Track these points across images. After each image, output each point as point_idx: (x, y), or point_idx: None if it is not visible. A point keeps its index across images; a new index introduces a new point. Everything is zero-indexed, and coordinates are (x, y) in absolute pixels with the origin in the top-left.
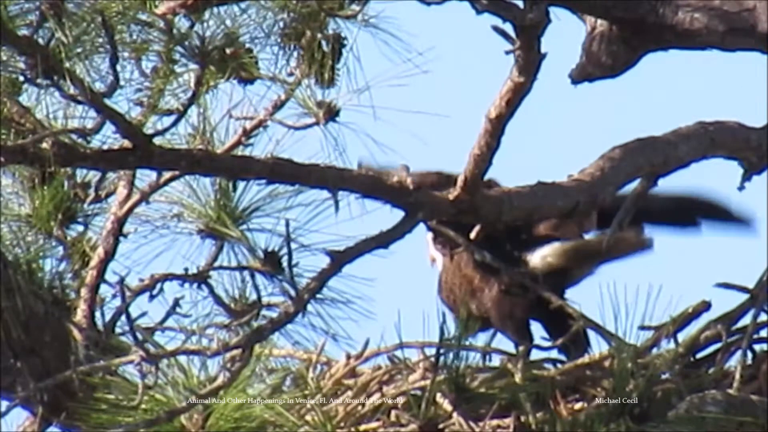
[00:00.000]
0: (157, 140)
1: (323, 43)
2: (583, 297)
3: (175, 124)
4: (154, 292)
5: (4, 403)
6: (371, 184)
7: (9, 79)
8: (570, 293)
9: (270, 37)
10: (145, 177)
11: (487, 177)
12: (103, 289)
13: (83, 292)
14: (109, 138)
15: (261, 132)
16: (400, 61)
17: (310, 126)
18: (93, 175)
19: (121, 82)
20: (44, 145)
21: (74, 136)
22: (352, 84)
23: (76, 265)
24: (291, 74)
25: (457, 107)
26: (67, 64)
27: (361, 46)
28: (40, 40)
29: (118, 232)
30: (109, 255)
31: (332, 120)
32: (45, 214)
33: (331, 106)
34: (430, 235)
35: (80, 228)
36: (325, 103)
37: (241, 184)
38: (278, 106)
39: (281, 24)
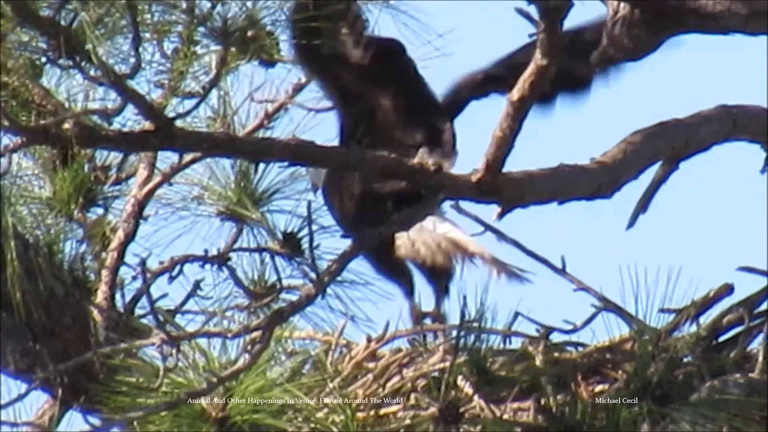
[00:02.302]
0: (178, 123)
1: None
2: (604, 280)
3: (197, 106)
4: (174, 273)
5: (24, 386)
6: (393, 166)
7: (31, 60)
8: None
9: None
10: (166, 159)
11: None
12: (123, 271)
13: (103, 274)
14: (129, 120)
15: (282, 115)
16: (420, 44)
17: (330, 109)
18: (113, 158)
19: (143, 64)
20: (66, 126)
21: (96, 118)
22: None
23: (96, 247)
24: None
25: None
26: (90, 46)
27: (382, 29)
28: (63, 21)
29: (138, 215)
30: (130, 237)
31: None
32: (65, 197)
33: None
34: None
35: (100, 210)
36: None
37: (261, 166)
38: (299, 88)
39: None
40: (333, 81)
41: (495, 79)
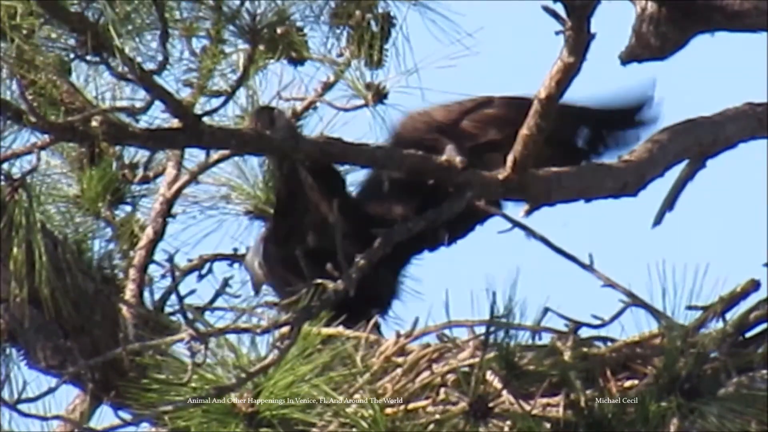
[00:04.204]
0: (206, 121)
1: (372, 23)
2: (631, 277)
3: (225, 103)
4: (203, 272)
5: (54, 380)
6: (420, 163)
7: (59, 57)
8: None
9: (320, 17)
10: (194, 158)
11: None
12: (152, 269)
13: (132, 272)
14: (157, 118)
15: (311, 113)
16: (448, 42)
17: (359, 108)
18: (141, 157)
19: (170, 61)
20: (93, 123)
21: (123, 115)
22: (401, 65)
23: (124, 245)
24: (340, 55)
25: (506, 89)
26: (117, 42)
27: (410, 26)
28: (91, 18)
29: (166, 213)
30: (158, 235)
31: (381, 102)
32: (93, 195)
33: (380, 88)
34: None
35: (128, 209)
36: (374, 85)
37: None
38: (328, 87)
39: (331, 4)
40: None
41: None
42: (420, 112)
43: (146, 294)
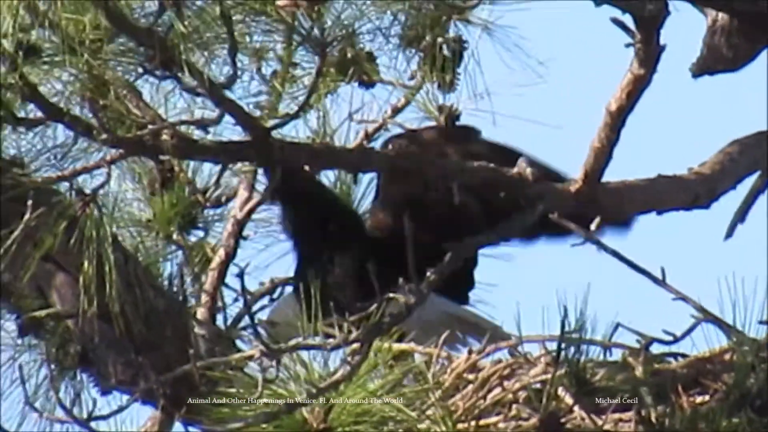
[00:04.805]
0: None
1: (444, 46)
2: (702, 290)
3: (295, 117)
4: (275, 296)
5: (125, 397)
6: (491, 176)
7: (127, 72)
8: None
9: (390, 40)
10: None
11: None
12: (224, 291)
13: (203, 294)
14: (226, 135)
15: (381, 135)
16: (518, 66)
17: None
18: (213, 181)
19: (240, 82)
20: (163, 137)
21: (193, 129)
22: (471, 88)
23: (195, 268)
24: (412, 78)
25: (574, 113)
26: (186, 56)
27: (481, 53)
28: (159, 32)
29: (238, 235)
30: (230, 257)
31: (453, 125)
32: (165, 219)
33: (452, 110)
34: None
35: (200, 233)
36: (446, 107)
37: (361, 188)
38: (399, 109)
39: (402, 26)
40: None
41: None
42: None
43: (218, 316)
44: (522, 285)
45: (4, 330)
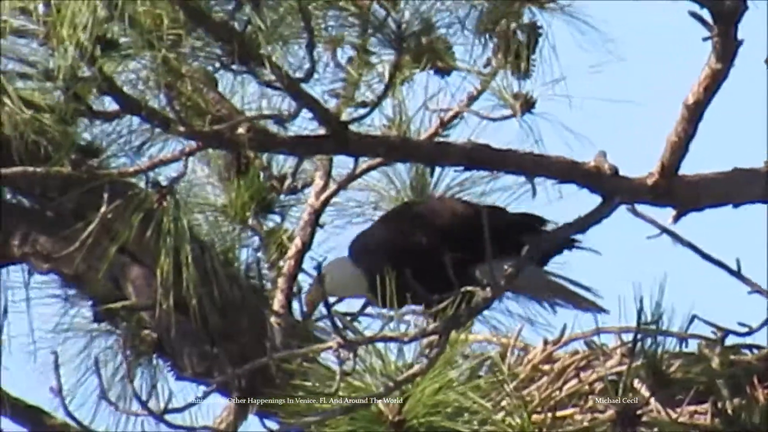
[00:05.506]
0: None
1: (519, 33)
2: None
3: (371, 111)
4: None
5: (200, 389)
6: (568, 169)
7: (204, 66)
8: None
9: (465, 27)
10: (342, 168)
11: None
12: (301, 278)
13: (280, 282)
14: (304, 129)
15: (457, 123)
16: (593, 50)
17: (506, 118)
18: (289, 167)
19: (316, 73)
20: (240, 130)
21: (270, 123)
22: (547, 74)
23: (272, 255)
24: (487, 64)
25: (653, 95)
26: (263, 50)
27: (556, 35)
28: (236, 26)
29: (314, 223)
30: (306, 245)
31: (528, 111)
32: (241, 205)
33: (527, 97)
34: None
35: (276, 218)
36: (522, 94)
37: (436, 175)
38: (474, 97)
39: (476, 13)
40: None
41: None
42: None
43: (295, 304)
44: (599, 276)
45: (78, 317)
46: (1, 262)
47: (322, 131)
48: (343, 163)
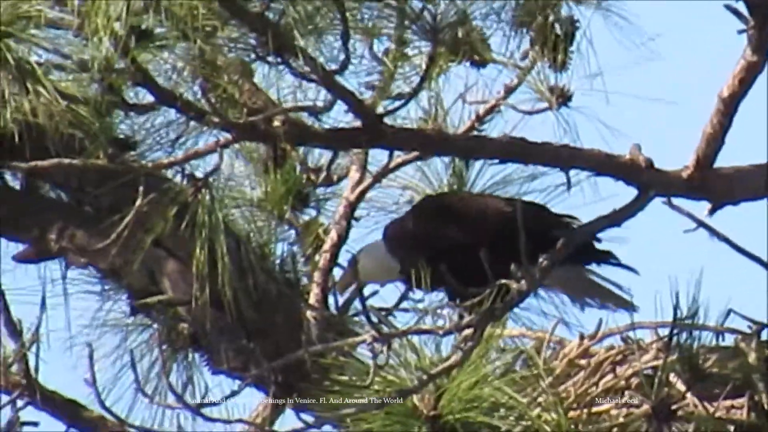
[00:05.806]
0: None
1: (556, 26)
2: None
3: (406, 103)
4: None
5: (236, 383)
6: (603, 162)
7: (239, 58)
8: None
9: (501, 20)
10: (377, 161)
11: None
12: (336, 272)
13: (316, 275)
14: (339, 121)
15: (493, 116)
16: (630, 45)
17: (542, 111)
18: (325, 161)
19: (351, 65)
20: (275, 122)
21: (305, 115)
22: (584, 68)
23: (308, 249)
24: (524, 58)
25: (688, 90)
26: (298, 42)
27: (593, 30)
28: (271, 17)
29: (350, 216)
30: (342, 239)
31: (565, 105)
32: (277, 198)
33: (564, 91)
34: None
35: (312, 212)
36: (558, 88)
37: (473, 171)
38: (511, 90)
39: (513, 6)
40: None
41: None
42: None
43: (330, 298)
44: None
45: (115, 311)
46: (38, 257)
47: (357, 124)
48: (378, 157)
